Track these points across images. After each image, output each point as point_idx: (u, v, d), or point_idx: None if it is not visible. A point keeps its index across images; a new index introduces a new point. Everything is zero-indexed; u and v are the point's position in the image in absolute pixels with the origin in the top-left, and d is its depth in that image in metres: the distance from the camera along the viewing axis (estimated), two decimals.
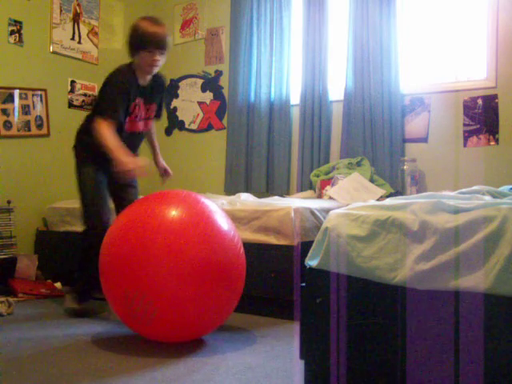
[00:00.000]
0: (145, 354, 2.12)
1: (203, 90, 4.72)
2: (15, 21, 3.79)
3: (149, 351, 2.15)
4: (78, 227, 3.57)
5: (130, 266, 2.08)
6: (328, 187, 3.58)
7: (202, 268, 2.06)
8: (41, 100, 3.94)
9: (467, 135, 3.55)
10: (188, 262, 2.05)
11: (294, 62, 4.22)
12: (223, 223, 2.23)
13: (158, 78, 2.79)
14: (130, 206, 2.34)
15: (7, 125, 3.73)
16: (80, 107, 4.29)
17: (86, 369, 1.96)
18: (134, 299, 2.05)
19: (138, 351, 2.16)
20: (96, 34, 4.42)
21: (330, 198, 3.45)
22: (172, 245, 2.06)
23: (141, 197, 2.58)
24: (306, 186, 4.01)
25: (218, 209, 2.32)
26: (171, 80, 4.90)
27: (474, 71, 3.62)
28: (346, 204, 2.45)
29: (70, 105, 4.22)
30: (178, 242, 2.07)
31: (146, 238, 2.08)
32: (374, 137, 3.79)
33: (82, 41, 4.29)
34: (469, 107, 3.55)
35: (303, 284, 1.67)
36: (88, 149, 2.76)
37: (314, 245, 1.68)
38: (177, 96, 4.88)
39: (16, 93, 3.78)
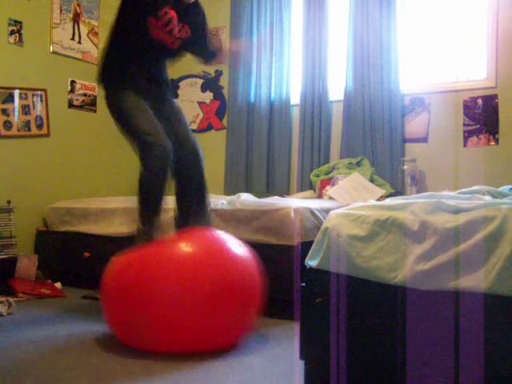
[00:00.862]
0: (144, 355, 2.12)
1: (203, 89, 4.73)
2: (15, 21, 3.79)
3: (148, 352, 2.15)
4: (78, 227, 3.58)
5: (136, 294, 2.09)
6: (328, 187, 3.58)
7: (214, 294, 2.08)
8: (41, 100, 3.94)
9: (467, 135, 3.55)
10: (200, 289, 2.07)
11: (294, 62, 4.22)
12: (240, 251, 2.26)
13: (197, 5, 2.64)
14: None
15: (7, 125, 3.73)
16: (80, 107, 4.29)
17: (87, 369, 1.96)
18: None
19: (137, 352, 2.15)
20: (96, 34, 4.42)
21: (330, 197, 3.45)
22: (181, 272, 2.09)
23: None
24: (306, 186, 4.02)
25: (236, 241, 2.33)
26: (171, 80, 4.90)
27: (473, 71, 3.63)
28: (346, 204, 2.45)
29: (70, 105, 4.22)
30: (188, 272, 2.09)
31: (154, 266, 2.11)
32: (374, 137, 3.80)
33: (81, 41, 4.29)
34: (469, 107, 3.55)
35: (303, 284, 1.67)
36: (120, 73, 2.55)
37: (313, 245, 1.68)
38: (177, 96, 4.87)
39: (16, 93, 3.78)
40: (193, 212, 2.56)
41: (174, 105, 2.70)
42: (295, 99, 4.18)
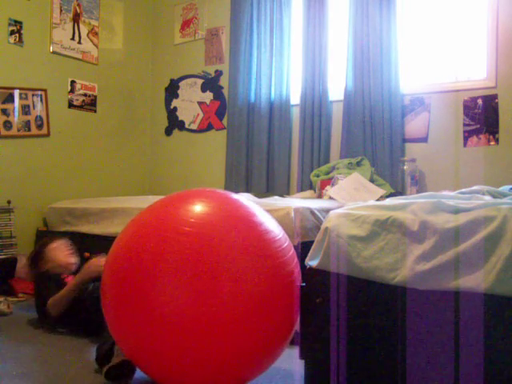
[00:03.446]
0: None
1: (203, 89, 4.72)
2: (15, 21, 3.79)
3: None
4: (78, 227, 3.58)
5: (136, 292, 1.49)
6: (328, 187, 3.58)
7: (243, 296, 1.48)
8: (41, 100, 3.94)
9: (467, 135, 3.55)
10: (222, 285, 1.46)
11: (294, 62, 4.22)
12: (273, 226, 1.68)
13: None
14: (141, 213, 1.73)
15: (7, 125, 3.73)
16: (80, 107, 4.29)
17: (87, 369, 1.96)
18: None
19: None
20: (96, 33, 4.42)
21: (330, 197, 3.44)
22: (196, 256, 1.47)
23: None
24: (306, 186, 4.01)
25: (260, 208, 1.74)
26: (171, 80, 4.91)
27: (473, 71, 3.62)
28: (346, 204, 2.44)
29: (70, 105, 4.23)
30: (206, 251, 1.49)
31: (158, 247, 1.50)
32: (374, 137, 3.79)
33: (82, 41, 4.29)
34: (469, 107, 3.55)
35: (303, 284, 1.67)
36: None
37: (314, 245, 1.68)
38: (177, 96, 4.88)
39: (16, 93, 3.78)
40: None
41: None
42: (295, 99, 4.18)
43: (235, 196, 1.77)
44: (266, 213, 1.75)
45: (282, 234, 1.70)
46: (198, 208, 1.58)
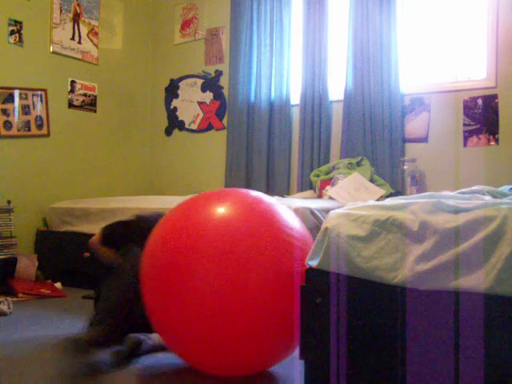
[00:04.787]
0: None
1: (203, 90, 4.73)
2: (15, 21, 3.79)
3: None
4: (78, 227, 3.58)
5: (170, 284, 1.68)
6: (328, 187, 3.58)
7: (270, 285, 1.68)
8: (41, 100, 3.94)
9: (467, 135, 3.55)
10: (251, 275, 1.67)
11: (293, 62, 4.22)
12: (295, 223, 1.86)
13: None
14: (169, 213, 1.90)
15: (7, 125, 3.73)
16: (80, 107, 4.30)
17: (87, 368, 1.95)
18: None
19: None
20: (96, 34, 4.42)
21: (330, 197, 3.45)
22: (224, 251, 1.67)
23: None
24: (306, 186, 4.02)
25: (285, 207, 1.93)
26: (171, 80, 4.91)
27: (473, 71, 3.63)
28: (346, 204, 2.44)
29: (70, 105, 4.23)
30: (234, 248, 1.68)
31: (192, 242, 1.69)
32: (374, 137, 3.80)
33: (82, 41, 4.30)
34: (469, 107, 3.55)
35: (303, 284, 1.67)
36: None
37: (314, 245, 1.67)
38: (177, 96, 4.88)
39: (16, 93, 3.78)
40: None
41: None
42: (295, 99, 4.18)
43: (256, 194, 1.93)
44: (288, 210, 1.93)
45: (302, 229, 1.88)
46: (224, 208, 1.78)
